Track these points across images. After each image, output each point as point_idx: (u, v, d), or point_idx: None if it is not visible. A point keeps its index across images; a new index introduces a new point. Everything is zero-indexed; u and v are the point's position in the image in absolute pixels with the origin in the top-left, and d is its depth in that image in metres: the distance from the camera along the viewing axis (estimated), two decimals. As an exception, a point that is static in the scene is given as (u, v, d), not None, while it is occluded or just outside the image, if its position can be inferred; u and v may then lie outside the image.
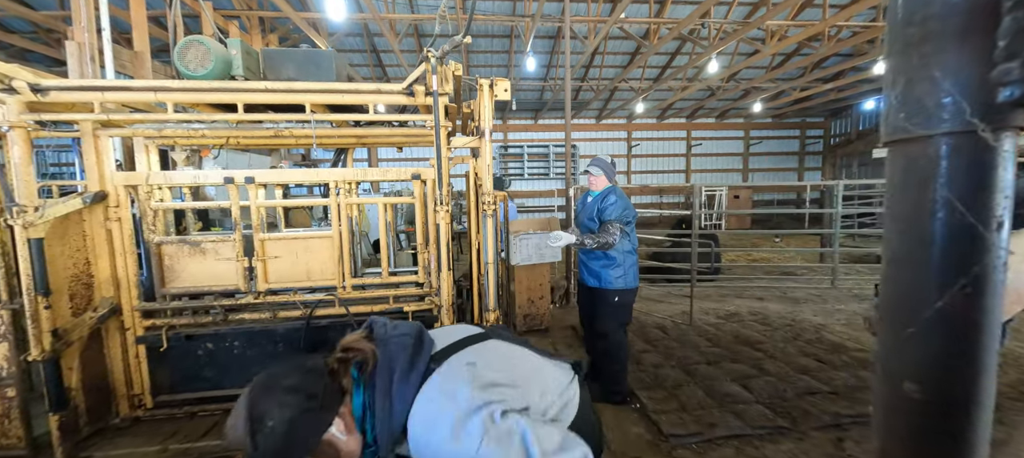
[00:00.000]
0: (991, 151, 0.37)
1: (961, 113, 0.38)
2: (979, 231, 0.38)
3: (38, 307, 2.02)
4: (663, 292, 5.87)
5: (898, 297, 0.42)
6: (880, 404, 0.44)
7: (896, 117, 0.41)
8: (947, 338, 0.38)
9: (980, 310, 0.38)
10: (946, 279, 0.39)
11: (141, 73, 4.93)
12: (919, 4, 0.39)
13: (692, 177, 17.81)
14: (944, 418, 0.39)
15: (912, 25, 0.40)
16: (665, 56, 12.53)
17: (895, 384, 0.42)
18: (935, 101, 0.39)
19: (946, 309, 0.38)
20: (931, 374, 0.39)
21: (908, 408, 0.41)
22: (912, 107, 0.40)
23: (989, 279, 0.38)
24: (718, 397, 2.85)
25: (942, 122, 0.39)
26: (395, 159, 15.54)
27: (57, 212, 2.09)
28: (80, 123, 2.23)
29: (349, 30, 10.03)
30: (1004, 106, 0.37)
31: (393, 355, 0.81)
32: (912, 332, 0.40)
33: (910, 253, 0.41)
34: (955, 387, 0.39)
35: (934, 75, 0.38)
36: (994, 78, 0.36)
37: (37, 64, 8.77)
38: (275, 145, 3.16)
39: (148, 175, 2.38)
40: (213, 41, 2.23)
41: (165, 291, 2.46)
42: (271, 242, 2.51)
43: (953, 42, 0.38)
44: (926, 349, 0.39)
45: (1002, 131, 0.37)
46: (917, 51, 0.39)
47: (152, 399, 2.48)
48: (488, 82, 2.29)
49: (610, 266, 2.72)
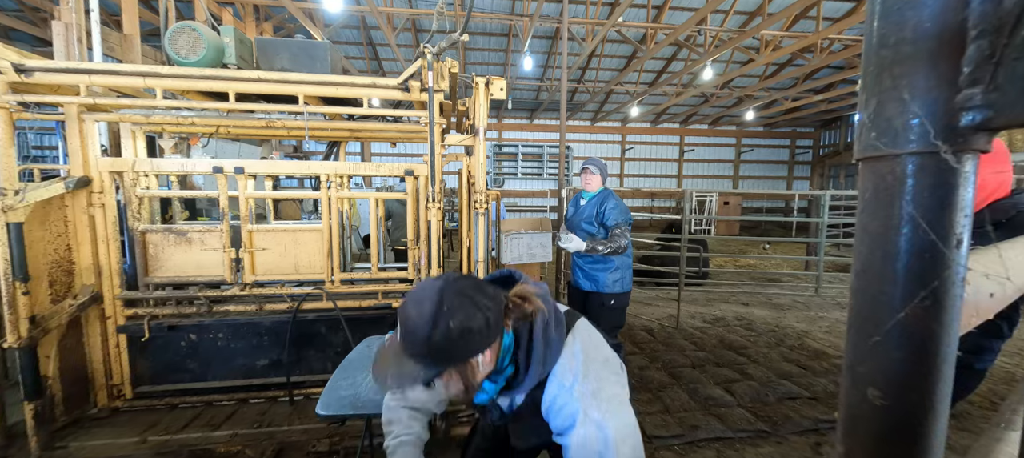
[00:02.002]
0: (953, 172, 0.40)
1: (927, 134, 0.40)
2: (939, 247, 0.40)
3: (16, 293, 1.98)
4: (651, 295, 5.93)
5: (865, 307, 0.44)
6: (845, 408, 0.47)
7: (868, 135, 0.44)
8: (908, 348, 0.41)
9: (939, 322, 0.41)
10: (908, 292, 0.41)
11: (130, 57, 4.83)
12: (892, 28, 0.41)
13: (684, 182, 18.01)
14: (903, 423, 0.42)
15: (885, 48, 0.42)
16: (661, 61, 12.64)
17: (860, 390, 0.44)
18: (903, 122, 0.41)
19: (907, 320, 0.41)
20: (892, 381, 0.42)
21: (870, 413, 0.43)
22: (882, 126, 0.42)
23: (948, 293, 0.41)
24: (701, 400, 2.89)
25: (909, 142, 0.41)
26: (388, 154, 15.43)
27: (38, 196, 2.04)
28: (65, 106, 2.18)
29: (346, 22, 9.92)
30: (966, 130, 0.39)
31: (551, 310, 0.92)
32: (877, 341, 0.43)
33: (877, 265, 0.43)
34: (914, 394, 0.41)
35: (903, 97, 0.41)
36: (958, 102, 0.38)
37: (21, 43, 8.52)
38: (266, 136, 3.12)
39: (134, 161, 2.33)
40: (206, 28, 2.20)
41: (148, 280, 2.42)
42: (259, 234, 2.49)
43: (922, 66, 0.40)
44: (889, 357, 0.42)
45: (964, 153, 0.39)
46: (889, 73, 0.42)
47: (132, 390, 2.44)
48: (484, 81, 2.30)
49: (607, 270, 2.73)
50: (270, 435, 2.22)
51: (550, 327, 0.90)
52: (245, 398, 2.54)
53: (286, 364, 2.49)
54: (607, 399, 0.86)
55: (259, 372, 2.54)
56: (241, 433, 2.22)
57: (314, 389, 2.56)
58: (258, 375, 2.54)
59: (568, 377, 0.88)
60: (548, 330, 0.89)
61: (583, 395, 0.86)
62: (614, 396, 0.88)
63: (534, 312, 0.89)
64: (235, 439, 2.18)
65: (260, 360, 2.53)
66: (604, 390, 0.87)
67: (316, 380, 2.58)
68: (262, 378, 2.55)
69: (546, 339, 0.89)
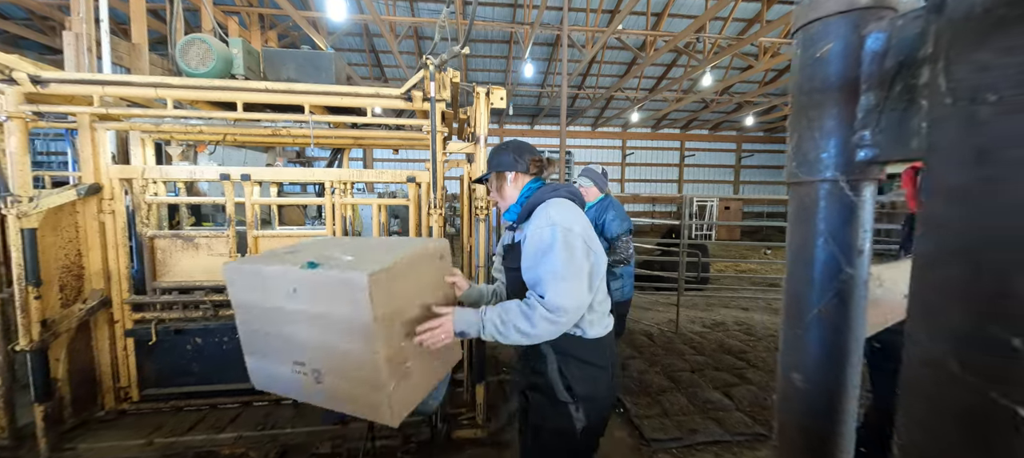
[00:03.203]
0: (852, 196, 0.50)
1: (831, 167, 0.50)
2: (842, 258, 0.50)
3: (28, 297, 2.03)
4: (651, 300, 5.96)
5: (791, 305, 0.55)
6: (779, 391, 0.57)
7: (791, 164, 0.55)
8: (821, 339, 0.49)
9: (845, 318, 0.51)
10: (821, 293, 0.51)
11: (138, 65, 4.92)
12: (808, 79, 0.52)
13: (684, 187, 18.05)
14: (819, 401, 0.49)
15: (803, 93, 0.53)
16: (661, 67, 12.74)
17: (788, 375, 0.50)
18: (816, 155, 0.51)
19: (821, 316, 0.49)
20: (810, 367, 0.49)
21: (795, 394, 0.50)
22: (801, 158, 0.53)
23: (852, 295, 0.51)
24: (700, 404, 2.92)
25: (819, 172, 0.51)
26: (390, 160, 15.53)
27: (51, 203, 2.10)
28: (78, 115, 2.25)
29: (349, 30, 10.06)
30: (861, 164, 0.49)
31: (563, 187, 1.43)
32: (799, 333, 0.49)
33: (799, 271, 0.54)
34: (827, 377, 0.49)
35: (815, 135, 0.51)
36: (854, 142, 0.49)
37: (30, 51, 8.67)
38: (272, 143, 3.19)
39: (144, 169, 2.39)
40: (215, 40, 2.26)
41: (156, 285, 2.47)
42: (264, 239, 2.54)
43: (828, 110, 0.50)
44: (808, 347, 0.49)
45: (860, 183, 0.49)
46: (805, 115, 0.52)
47: (138, 392, 2.49)
48: (485, 90, 2.35)
49: (611, 278, 2.76)
50: (274, 437, 2.26)
51: (548, 189, 1.38)
52: (249, 401, 2.58)
53: (290, 367, 2.52)
54: (562, 216, 1.27)
55: (263, 375, 2.58)
56: (245, 435, 2.26)
57: (317, 392, 2.59)
58: (262, 378, 2.58)
59: (544, 213, 1.30)
60: (548, 188, 1.39)
61: (548, 212, 1.29)
62: (565, 223, 1.27)
63: (548, 173, 1.50)
64: (239, 441, 2.22)
65: (264, 363, 2.57)
66: (562, 216, 1.28)
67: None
68: (266, 381, 2.59)
69: (546, 190, 1.38)
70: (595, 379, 1.32)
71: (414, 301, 1.27)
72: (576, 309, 1.20)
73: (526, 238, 1.30)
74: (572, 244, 1.22)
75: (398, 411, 1.22)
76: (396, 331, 1.19)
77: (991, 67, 0.34)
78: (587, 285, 1.25)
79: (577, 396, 1.30)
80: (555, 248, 1.21)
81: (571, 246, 1.22)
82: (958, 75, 0.36)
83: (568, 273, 1.19)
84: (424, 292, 1.31)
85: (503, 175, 1.43)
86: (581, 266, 1.23)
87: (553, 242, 1.22)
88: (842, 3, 0.47)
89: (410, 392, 1.27)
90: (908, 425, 0.41)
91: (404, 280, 1.22)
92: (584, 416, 1.31)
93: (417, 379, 1.30)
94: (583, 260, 1.24)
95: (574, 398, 1.30)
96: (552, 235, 1.22)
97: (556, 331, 1.21)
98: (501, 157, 1.42)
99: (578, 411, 1.30)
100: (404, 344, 1.22)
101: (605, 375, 1.34)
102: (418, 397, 1.32)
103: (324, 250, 1.38)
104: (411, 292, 1.25)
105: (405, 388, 1.24)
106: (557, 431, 1.33)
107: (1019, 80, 0.32)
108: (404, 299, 1.22)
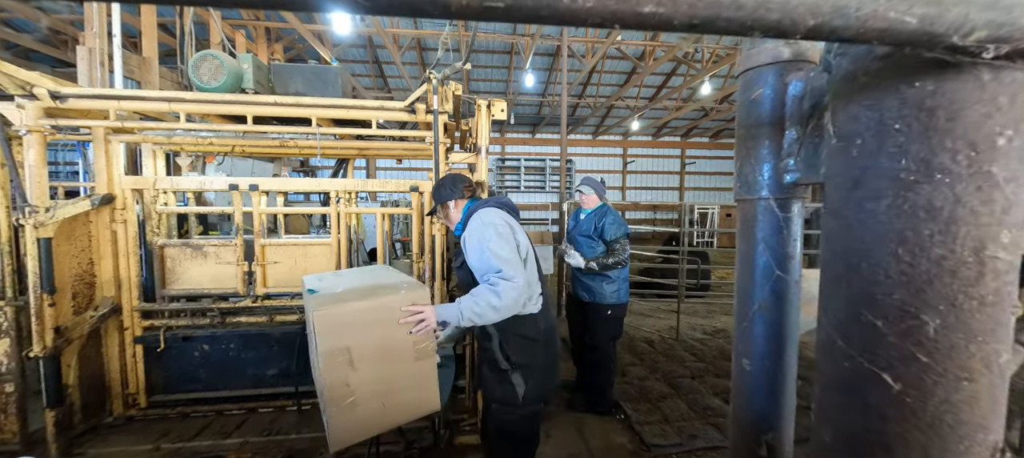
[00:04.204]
0: (781, 213, 0.61)
1: (765, 187, 0.61)
2: (774, 262, 0.62)
3: (43, 305, 2.09)
4: (652, 307, 5.98)
5: (740, 302, 0.65)
6: (733, 376, 0.68)
7: (737, 184, 0.69)
8: (763, 328, 0.56)
9: (780, 310, 0.62)
10: (760, 289, 0.57)
11: (148, 78, 5.05)
12: (746, 116, 0.64)
13: (686, 195, 18.10)
14: (763, 382, 0.56)
15: (743, 127, 0.65)
16: (661, 76, 12.88)
17: (739, 361, 0.57)
18: (754, 177, 0.63)
19: (760, 309, 0.56)
20: (755, 353, 0.56)
21: (744, 377, 0.57)
22: (743, 180, 0.65)
23: (785, 292, 0.62)
24: (700, 410, 2.94)
25: (757, 191, 0.62)
26: (394, 169, 15.66)
27: (66, 213, 2.17)
28: (93, 128, 2.33)
29: (353, 42, 10.25)
30: (789, 186, 0.60)
31: (492, 199, 1.74)
32: (745, 325, 0.56)
33: (745, 273, 0.61)
34: (769, 362, 0.55)
35: (752, 161, 0.63)
36: (782, 167, 0.60)
37: (42, 64, 8.86)
38: (279, 154, 3.27)
39: (155, 179, 2.47)
40: (226, 55, 2.35)
41: (165, 292, 2.53)
42: (271, 247, 2.60)
43: (762, 141, 0.62)
44: (752, 336, 0.56)
45: (788, 200, 0.61)
46: (745, 144, 0.65)
47: (146, 399, 2.53)
48: (486, 102, 2.43)
49: (606, 281, 2.82)
50: (279, 443, 2.30)
51: (480, 202, 1.72)
52: (254, 407, 2.62)
53: (295, 374, 2.57)
54: (489, 216, 1.61)
55: (268, 382, 2.63)
56: (251, 441, 2.30)
57: (321, 398, 2.64)
58: (267, 385, 2.63)
59: (476, 218, 1.64)
60: (479, 204, 1.71)
61: (479, 216, 1.64)
62: (488, 220, 1.61)
63: (478, 193, 1.87)
64: (245, 447, 2.26)
65: (270, 370, 2.62)
66: (489, 216, 1.62)
67: (323, 389, 2.65)
68: (271, 388, 2.64)
69: (478, 203, 1.72)
70: (529, 349, 1.64)
71: (370, 343, 1.34)
72: (519, 273, 1.51)
73: (465, 239, 1.64)
74: (501, 232, 1.57)
75: (336, 437, 1.30)
76: (340, 364, 1.29)
77: (859, 118, 0.43)
78: (520, 257, 1.57)
79: (514, 364, 1.62)
80: (489, 236, 1.54)
81: (501, 233, 1.56)
82: (838, 121, 0.46)
83: (505, 249, 1.53)
84: (390, 338, 1.38)
85: (446, 205, 1.80)
86: (511, 245, 1.56)
87: (485, 233, 1.55)
88: (770, 56, 0.58)
89: (354, 425, 1.34)
90: (819, 391, 0.50)
91: (360, 325, 1.32)
92: (522, 380, 1.62)
93: (366, 416, 1.36)
94: (511, 239, 1.58)
95: (512, 366, 1.62)
96: (482, 230, 1.57)
97: (518, 296, 1.50)
98: (442, 192, 1.80)
99: (516, 375, 1.62)
100: (351, 379, 1.30)
101: (539, 347, 1.65)
102: (366, 432, 1.39)
103: (340, 280, 1.61)
104: (369, 335, 1.34)
105: (347, 420, 1.32)
106: (503, 399, 1.65)
107: (878, 129, 0.41)
108: (357, 339, 1.31)
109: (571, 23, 0.36)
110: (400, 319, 1.40)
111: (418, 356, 1.43)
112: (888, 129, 0.39)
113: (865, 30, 0.34)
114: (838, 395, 0.46)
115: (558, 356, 1.81)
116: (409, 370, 1.41)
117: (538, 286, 1.67)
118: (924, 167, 0.37)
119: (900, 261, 0.38)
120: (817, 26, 0.34)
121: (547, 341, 1.69)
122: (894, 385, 0.39)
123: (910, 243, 0.37)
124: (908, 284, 0.38)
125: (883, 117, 0.40)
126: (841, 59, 0.44)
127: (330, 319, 1.28)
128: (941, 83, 0.37)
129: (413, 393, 1.42)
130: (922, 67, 0.37)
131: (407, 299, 1.43)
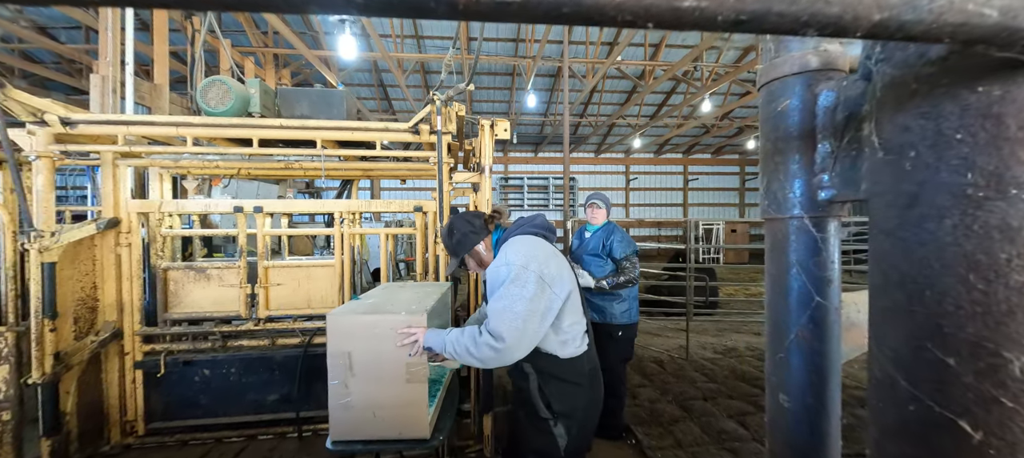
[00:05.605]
0: (817, 233, 0.54)
1: (798, 205, 0.55)
2: (812, 287, 0.54)
3: (44, 330, 2.06)
4: (660, 326, 5.86)
5: (772, 331, 0.58)
6: (767, 412, 0.60)
7: (764, 203, 0.60)
8: (801, 361, 0.51)
9: (820, 339, 0.54)
10: (796, 318, 0.53)
11: (159, 104, 5.15)
12: (772, 129, 0.58)
13: (689, 211, 18.04)
14: (804, 420, 0.50)
15: (770, 141, 0.59)
16: (661, 95, 13.02)
17: (774, 396, 0.52)
18: (784, 195, 0.56)
19: (798, 339, 0.51)
20: (793, 387, 0.51)
21: (781, 414, 0.52)
22: (772, 197, 0.58)
23: (824, 320, 0.54)
24: (714, 434, 2.82)
25: (788, 210, 0.56)
26: (398, 189, 15.78)
27: (71, 237, 2.16)
28: (102, 153, 2.35)
29: (359, 66, 10.49)
30: (823, 203, 0.54)
31: (513, 223, 1.60)
32: (781, 356, 0.51)
33: (777, 300, 0.57)
34: (809, 397, 0.50)
35: (781, 177, 0.57)
36: (815, 184, 0.54)
37: (56, 92, 9.11)
38: (285, 176, 3.29)
39: (161, 203, 2.47)
40: (233, 81, 2.39)
41: (167, 316, 2.50)
42: (275, 269, 2.58)
43: (792, 156, 0.56)
44: (790, 368, 0.51)
45: (824, 219, 0.54)
46: (773, 160, 0.58)
47: (144, 426, 2.47)
48: (489, 123, 2.43)
49: (616, 300, 2.75)
50: (278, 473, 2.21)
51: (512, 228, 1.56)
52: (254, 434, 2.54)
53: (296, 399, 2.50)
54: (517, 254, 1.39)
55: (269, 407, 2.56)
56: (250, 471, 2.21)
57: (323, 425, 2.56)
58: (268, 410, 2.56)
59: (503, 253, 1.45)
60: (511, 228, 1.57)
61: (505, 252, 1.43)
62: (520, 262, 1.38)
63: (504, 221, 1.63)
64: (244, 477, 2.18)
65: (270, 395, 2.56)
66: (517, 255, 1.39)
67: (325, 415, 2.57)
68: (272, 413, 2.56)
69: (510, 231, 1.55)
70: (573, 396, 1.44)
71: (368, 354, 1.46)
72: (515, 339, 1.28)
73: (487, 274, 1.47)
74: (524, 280, 1.32)
75: (334, 428, 1.48)
76: (341, 365, 1.44)
77: (911, 128, 0.39)
78: (539, 318, 1.32)
79: (556, 412, 1.42)
80: (505, 284, 1.34)
81: (522, 282, 1.32)
82: (885, 133, 0.42)
83: (512, 307, 1.29)
84: (385, 354, 1.47)
85: (475, 250, 1.56)
86: (530, 300, 1.30)
87: (504, 279, 1.35)
88: (797, 65, 0.54)
89: (349, 423, 1.49)
90: (877, 436, 0.43)
91: (361, 336, 1.45)
92: (564, 431, 1.42)
93: (358, 419, 1.48)
94: (535, 294, 1.31)
95: (553, 414, 1.42)
96: (507, 273, 1.36)
97: (498, 357, 1.31)
98: (463, 240, 1.55)
99: (557, 426, 1.42)
100: (350, 382, 1.45)
101: (582, 392, 1.45)
102: (359, 433, 1.50)
103: (384, 293, 1.87)
104: (368, 347, 1.46)
105: (343, 417, 1.47)
106: (541, 451, 1.44)
107: (935, 140, 0.37)
108: (357, 348, 1.45)
109: (597, 23, 0.32)
110: (396, 341, 1.45)
111: (409, 378, 1.48)
112: (948, 140, 0.35)
113: (938, 25, 0.30)
114: (903, 444, 0.40)
115: (602, 397, 1.56)
116: (399, 390, 1.48)
117: (580, 325, 1.46)
118: (995, 181, 0.33)
119: (973, 289, 0.34)
120: (883, 21, 0.30)
121: (591, 383, 1.49)
122: (974, 434, 0.34)
123: (984, 268, 0.33)
124: (984, 315, 0.33)
125: (941, 127, 0.36)
126: (883, 65, 0.41)
127: (337, 325, 1.46)
128: (1011, 87, 0.33)
129: (402, 411, 1.48)
130: (987, 70, 0.34)
131: (405, 320, 1.48)
